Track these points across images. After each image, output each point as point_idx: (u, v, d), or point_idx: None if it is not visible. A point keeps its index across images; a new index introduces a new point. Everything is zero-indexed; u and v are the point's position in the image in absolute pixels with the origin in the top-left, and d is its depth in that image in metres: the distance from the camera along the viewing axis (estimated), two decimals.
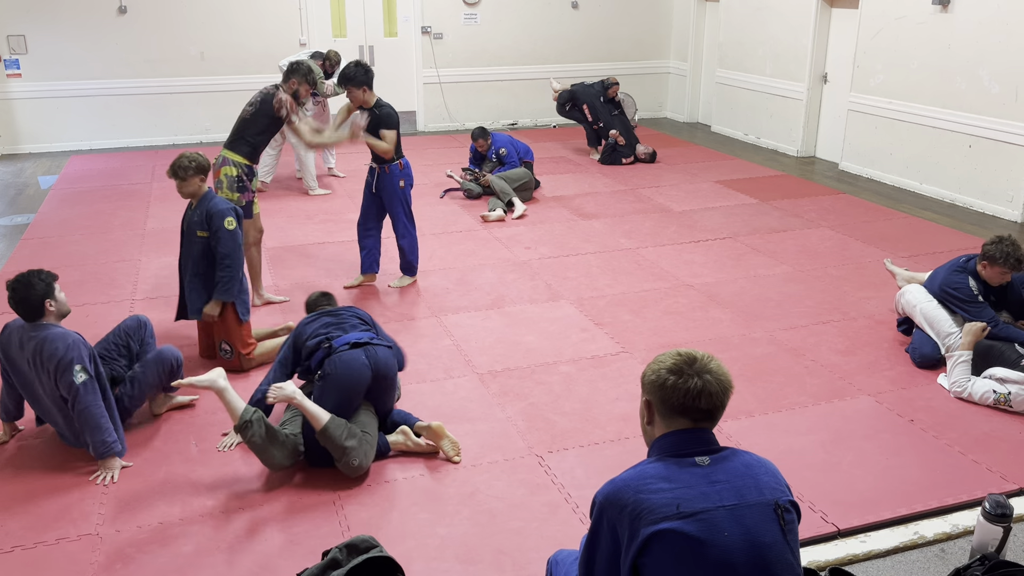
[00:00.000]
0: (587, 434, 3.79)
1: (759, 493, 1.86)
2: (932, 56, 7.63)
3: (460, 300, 5.35)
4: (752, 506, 1.84)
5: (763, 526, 1.83)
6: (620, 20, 11.56)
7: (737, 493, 1.85)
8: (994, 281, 4.33)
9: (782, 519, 1.86)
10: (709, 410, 1.91)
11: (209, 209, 4.27)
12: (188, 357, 4.45)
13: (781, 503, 1.87)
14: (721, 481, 1.85)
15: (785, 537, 1.85)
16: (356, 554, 2.67)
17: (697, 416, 1.91)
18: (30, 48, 9.43)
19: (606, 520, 1.87)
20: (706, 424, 1.94)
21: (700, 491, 1.83)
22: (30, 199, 7.76)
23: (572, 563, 2.24)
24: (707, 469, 1.87)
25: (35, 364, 3.41)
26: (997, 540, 2.89)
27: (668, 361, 1.95)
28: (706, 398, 1.89)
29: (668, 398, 1.92)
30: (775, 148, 9.91)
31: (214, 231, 4.25)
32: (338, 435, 3.31)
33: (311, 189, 7.98)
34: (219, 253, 4.26)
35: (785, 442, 3.70)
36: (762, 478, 1.89)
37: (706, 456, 1.89)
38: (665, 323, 5.00)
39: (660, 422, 1.96)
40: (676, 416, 1.93)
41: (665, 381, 1.92)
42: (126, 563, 2.95)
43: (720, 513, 1.81)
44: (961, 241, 6.44)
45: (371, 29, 10.61)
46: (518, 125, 11.48)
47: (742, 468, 1.89)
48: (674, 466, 1.87)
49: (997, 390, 3.95)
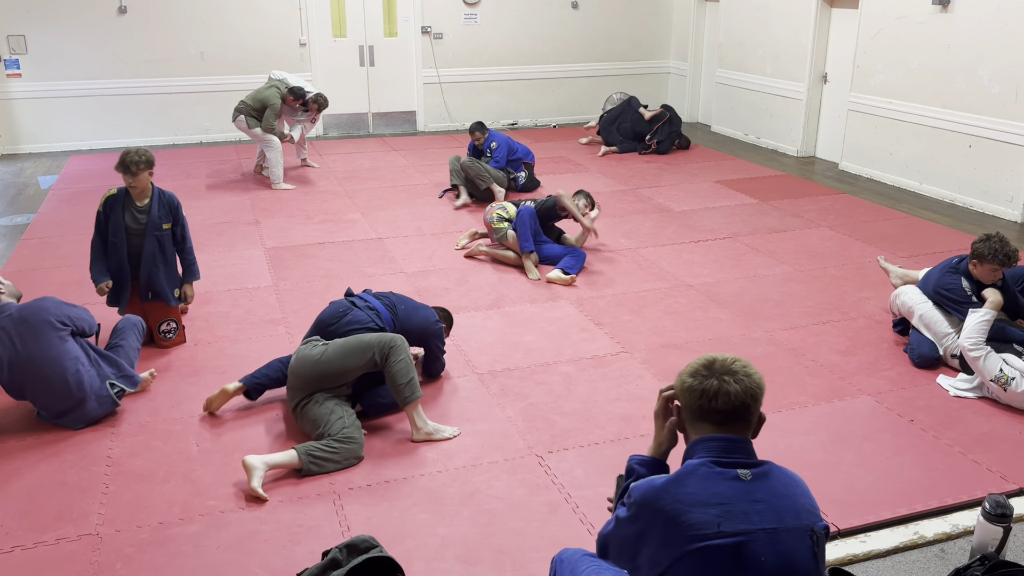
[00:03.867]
0: (587, 434, 3.79)
1: (796, 517, 1.86)
2: (932, 56, 7.63)
3: (460, 300, 5.35)
4: (790, 530, 1.84)
5: (798, 552, 1.83)
6: (620, 20, 11.56)
7: (776, 516, 1.84)
8: (986, 279, 4.32)
9: (816, 545, 1.87)
10: (727, 411, 1.90)
11: (170, 201, 4.55)
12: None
13: (817, 530, 1.88)
14: (762, 501, 1.85)
15: (816, 564, 1.86)
16: (356, 554, 2.67)
17: (717, 419, 1.91)
18: (30, 48, 9.43)
19: (640, 516, 1.89)
20: (733, 428, 1.93)
21: (741, 509, 1.83)
22: (30, 199, 7.76)
23: (577, 561, 2.25)
24: (748, 485, 1.86)
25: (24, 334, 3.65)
26: (997, 540, 2.89)
27: (692, 366, 1.99)
28: (723, 398, 1.89)
29: (688, 402, 1.95)
30: (775, 148, 9.91)
31: (180, 220, 4.55)
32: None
33: (276, 182, 8.04)
34: (185, 238, 4.67)
35: (785, 442, 3.70)
36: (799, 500, 1.89)
37: (748, 471, 1.89)
38: (665, 323, 5.00)
39: (689, 428, 2.00)
40: (698, 421, 1.95)
41: (683, 384, 1.97)
42: (126, 563, 2.95)
43: (759, 536, 1.81)
44: (961, 241, 6.44)
45: (371, 29, 10.61)
46: (518, 125, 11.48)
47: (781, 488, 1.89)
48: (716, 476, 1.87)
49: (1004, 369, 3.93)
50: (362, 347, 3.67)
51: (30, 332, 3.67)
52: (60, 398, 3.71)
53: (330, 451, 3.44)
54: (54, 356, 3.67)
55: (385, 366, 3.63)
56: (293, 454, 3.40)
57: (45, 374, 3.67)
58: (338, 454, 3.46)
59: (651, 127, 9.66)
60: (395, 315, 4.06)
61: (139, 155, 4.36)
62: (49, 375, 3.67)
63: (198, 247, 6.33)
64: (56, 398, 3.71)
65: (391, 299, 4.16)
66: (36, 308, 3.74)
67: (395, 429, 3.83)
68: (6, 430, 3.82)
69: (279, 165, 8.01)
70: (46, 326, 3.69)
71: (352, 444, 3.51)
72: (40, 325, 3.69)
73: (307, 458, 3.40)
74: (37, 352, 3.66)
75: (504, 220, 5.98)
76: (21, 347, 3.66)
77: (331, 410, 3.61)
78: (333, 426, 3.54)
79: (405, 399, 3.64)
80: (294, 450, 3.41)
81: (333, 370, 3.67)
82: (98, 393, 3.79)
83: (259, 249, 6.33)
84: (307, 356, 3.71)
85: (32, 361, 3.66)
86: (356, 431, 3.56)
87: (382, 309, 4.05)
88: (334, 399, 3.67)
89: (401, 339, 3.71)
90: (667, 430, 2.16)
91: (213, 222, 7.00)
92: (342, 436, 3.50)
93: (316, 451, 3.43)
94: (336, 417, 3.57)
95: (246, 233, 6.72)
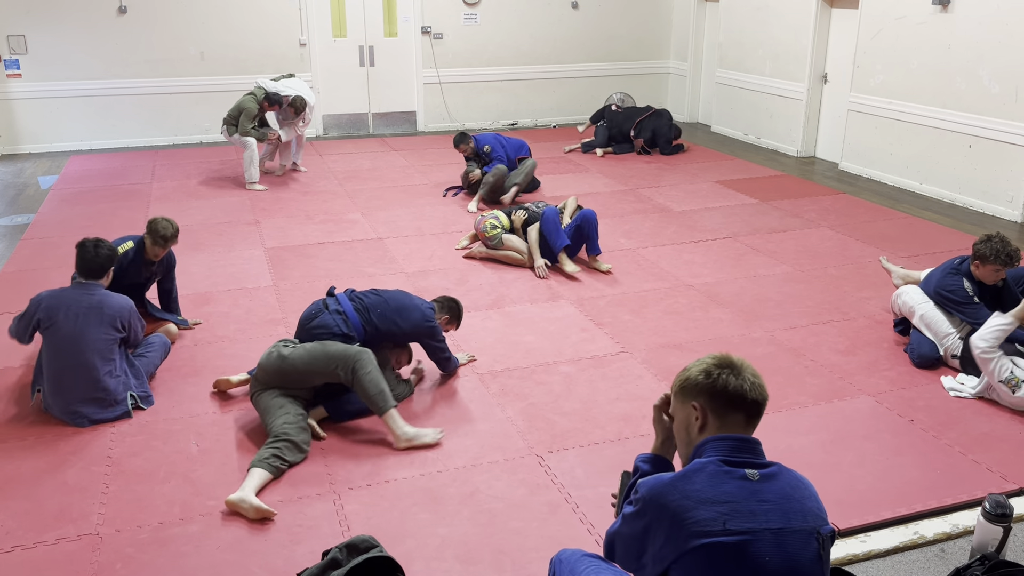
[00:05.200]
0: (587, 434, 3.79)
1: (803, 519, 1.86)
2: (932, 56, 7.63)
3: (460, 300, 5.34)
4: (796, 532, 1.83)
5: (803, 554, 1.83)
6: (620, 20, 11.56)
7: (783, 516, 1.84)
8: (988, 279, 4.32)
9: (823, 547, 1.87)
10: (759, 402, 1.93)
11: (170, 256, 4.76)
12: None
13: (823, 533, 1.88)
14: (769, 501, 1.84)
15: (822, 567, 1.86)
16: (356, 554, 2.67)
17: (751, 411, 1.93)
18: (30, 48, 9.43)
19: (646, 511, 1.89)
20: (755, 424, 1.95)
21: (748, 508, 1.82)
22: (30, 199, 7.76)
23: (576, 561, 2.25)
24: (756, 485, 1.86)
25: (89, 316, 3.83)
26: (997, 540, 2.89)
27: (710, 361, 1.98)
28: (757, 389, 1.93)
29: (721, 393, 1.93)
30: (775, 148, 9.91)
31: (171, 269, 4.82)
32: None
33: (250, 181, 8.10)
34: (174, 282, 4.89)
35: (785, 442, 3.70)
36: (807, 503, 1.89)
37: (756, 471, 1.88)
38: (665, 323, 5.00)
39: (713, 423, 1.95)
40: (730, 412, 1.93)
41: (718, 377, 1.94)
42: (126, 563, 2.95)
43: (765, 536, 1.80)
44: (961, 241, 6.44)
45: (371, 29, 10.61)
46: (518, 125, 11.48)
47: (789, 490, 1.88)
48: (724, 475, 1.86)
49: (1015, 372, 3.92)
50: (326, 359, 3.67)
51: (95, 319, 3.84)
52: (82, 389, 3.79)
53: (275, 450, 3.44)
54: (97, 350, 3.82)
55: (354, 382, 3.63)
56: (258, 471, 3.35)
57: (80, 362, 3.79)
58: (282, 451, 3.45)
59: (632, 123, 9.64)
60: (367, 319, 3.96)
61: (170, 222, 4.59)
62: (83, 364, 3.79)
63: (198, 247, 6.34)
64: (78, 388, 3.79)
65: (367, 301, 4.04)
66: (114, 304, 3.92)
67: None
68: (6, 430, 3.81)
69: (253, 165, 8.09)
70: (108, 322, 3.86)
71: (286, 440, 3.48)
72: (104, 319, 3.86)
73: (266, 465, 3.37)
74: (85, 338, 3.80)
75: (497, 228, 6.00)
76: (74, 325, 3.80)
77: (280, 404, 3.64)
78: (275, 422, 3.57)
79: (380, 410, 3.64)
80: (255, 468, 3.36)
81: (296, 373, 3.70)
82: (116, 399, 3.86)
83: (259, 249, 6.33)
84: (275, 353, 3.76)
85: (76, 343, 3.79)
86: (293, 429, 3.54)
87: (351, 313, 3.95)
88: (287, 396, 3.70)
89: (366, 353, 3.68)
90: (664, 427, 2.18)
91: (213, 222, 7.00)
92: (279, 432, 3.51)
93: (269, 456, 3.41)
94: (282, 413, 3.60)
95: (246, 233, 6.72)
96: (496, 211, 6.23)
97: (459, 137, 7.67)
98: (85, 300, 3.88)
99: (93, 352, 3.80)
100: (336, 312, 3.95)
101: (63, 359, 3.80)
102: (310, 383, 3.75)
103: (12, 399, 4.08)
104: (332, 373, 3.66)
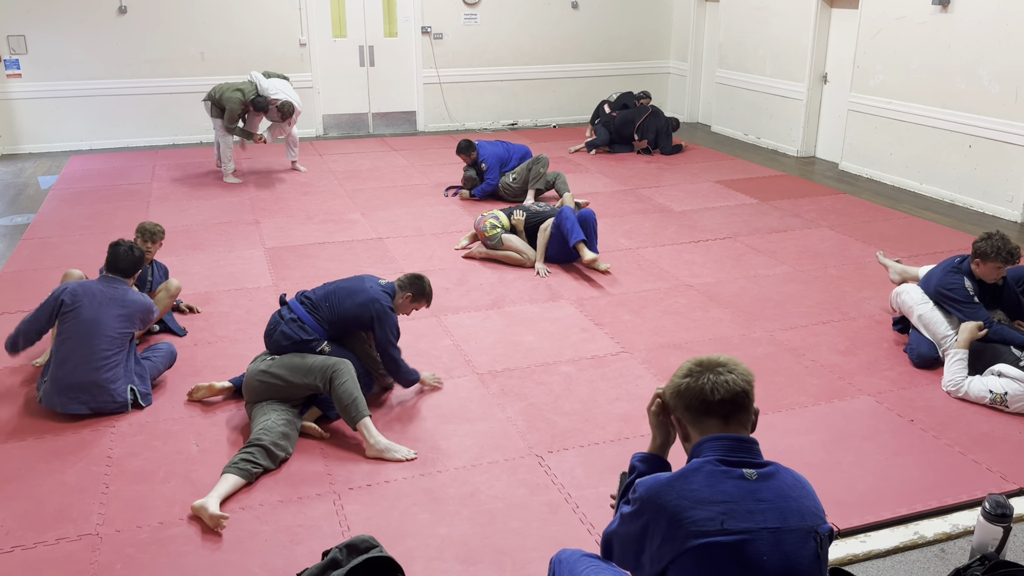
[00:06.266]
0: (587, 434, 3.79)
1: (801, 518, 1.86)
2: (932, 56, 7.63)
3: (460, 300, 5.35)
4: (794, 531, 1.84)
5: (801, 553, 1.83)
6: (620, 20, 11.56)
7: (781, 516, 1.84)
8: (989, 278, 4.31)
9: (820, 546, 1.87)
10: (727, 400, 1.91)
11: (161, 269, 4.90)
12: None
13: (821, 532, 1.88)
14: (767, 500, 1.85)
15: (820, 566, 1.86)
16: (356, 554, 2.67)
17: (722, 411, 1.92)
18: (30, 48, 9.43)
19: (644, 511, 1.89)
20: (737, 422, 1.94)
21: (746, 508, 1.83)
22: (30, 199, 7.76)
23: (576, 562, 2.25)
24: (754, 485, 1.87)
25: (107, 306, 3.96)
26: (997, 540, 2.89)
27: (682, 369, 2.00)
28: (721, 387, 1.91)
29: (688, 403, 1.95)
30: (775, 148, 9.91)
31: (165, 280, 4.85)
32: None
33: (227, 174, 8.34)
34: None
35: (785, 442, 3.70)
36: (805, 502, 1.89)
37: (753, 470, 1.89)
38: (665, 323, 5.00)
39: (693, 430, 1.98)
40: (703, 417, 1.95)
41: (679, 387, 1.97)
42: (126, 563, 2.95)
43: (763, 536, 1.81)
44: (961, 241, 6.44)
45: (371, 29, 10.61)
46: (518, 125, 11.48)
47: (787, 489, 1.89)
48: (722, 475, 1.87)
49: (994, 390, 3.94)
50: (304, 370, 3.72)
51: (116, 308, 3.96)
52: (84, 372, 3.83)
53: (247, 455, 3.43)
54: (109, 337, 3.90)
55: (330, 391, 3.67)
56: (230, 477, 3.34)
57: (90, 346, 3.86)
58: (255, 456, 3.44)
59: (633, 126, 9.64)
60: (320, 317, 3.90)
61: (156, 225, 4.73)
62: (92, 348, 3.85)
63: (198, 247, 6.35)
64: (80, 371, 3.83)
65: (315, 298, 3.96)
66: (136, 299, 4.08)
67: (394, 430, 3.83)
68: (6, 430, 3.81)
69: (230, 160, 8.34)
70: (126, 315, 3.99)
71: (259, 445, 3.46)
72: (124, 311, 3.98)
73: (236, 469, 3.36)
74: (100, 324, 3.89)
75: (496, 228, 6.00)
76: (95, 312, 3.91)
77: (263, 412, 3.67)
78: (254, 428, 3.59)
79: (352, 419, 3.64)
80: (226, 473, 3.35)
81: (279, 385, 3.72)
82: (116, 389, 3.89)
83: (259, 249, 6.33)
84: (255, 370, 3.79)
85: (91, 327, 3.88)
86: (269, 435, 3.51)
87: (304, 316, 3.88)
88: (277, 401, 3.73)
89: (343, 364, 3.70)
90: (662, 427, 2.17)
91: (213, 222, 7.00)
92: (254, 438, 3.51)
93: (239, 460, 3.40)
94: (263, 420, 3.62)
95: (246, 233, 6.72)
96: (496, 211, 6.23)
97: (465, 146, 7.61)
98: (109, 292, 4.02)
99: (104, 339, 3.89)
100: (291, 320, 3.88)
101: (74, 341, 3.86)
102: (296, 394, 3.78)
103: (12, 399, 4.09)
104: (312, 385, 3.71)
